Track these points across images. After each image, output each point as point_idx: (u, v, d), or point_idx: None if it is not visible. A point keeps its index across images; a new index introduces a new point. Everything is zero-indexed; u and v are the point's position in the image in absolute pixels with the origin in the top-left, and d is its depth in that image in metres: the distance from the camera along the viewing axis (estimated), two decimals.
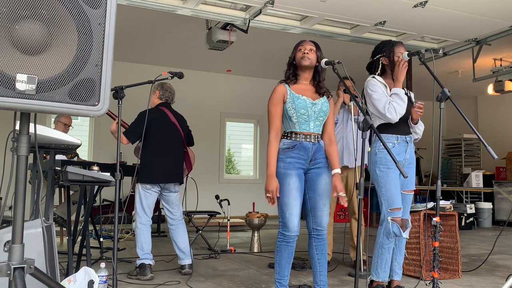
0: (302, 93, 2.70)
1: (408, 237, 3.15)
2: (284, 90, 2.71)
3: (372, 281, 3.09)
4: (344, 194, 2.64)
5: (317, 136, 2.72)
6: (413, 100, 3.25)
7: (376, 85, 3.04)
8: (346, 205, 2.66)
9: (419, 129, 3.16)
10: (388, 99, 2.97)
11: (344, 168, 4.10)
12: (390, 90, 3.06)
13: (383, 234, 3.01)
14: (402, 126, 3.08)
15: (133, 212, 3.88)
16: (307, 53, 2.70)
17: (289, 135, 2.70)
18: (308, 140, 2.68)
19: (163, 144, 3.79)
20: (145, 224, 3.73)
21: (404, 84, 3.28)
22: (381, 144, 3.00)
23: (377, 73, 3.15)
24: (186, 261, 3.78)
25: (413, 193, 3.15)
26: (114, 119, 3.73)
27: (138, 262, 3.63)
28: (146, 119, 3.62)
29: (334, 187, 2.66)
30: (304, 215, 2.73)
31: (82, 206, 3.56)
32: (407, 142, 3.09)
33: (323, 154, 2.74)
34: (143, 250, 3.66)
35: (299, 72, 2.76)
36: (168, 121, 3.86)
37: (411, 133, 3.14)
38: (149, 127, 3.70)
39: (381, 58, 3.13)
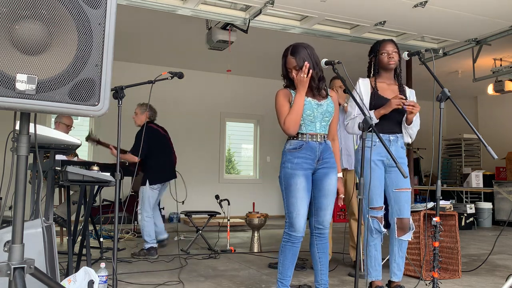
0: (306, 95, 2.69)
1: (411, 239, 3.13)
2: (287, 92, 2.72)
3: (371, 283, 3.09)
4: (343, 196, 2.76)
5: (324, 136, 2.73)
6: (413, 98, 3.22)
7: (355, 93, 3.07)
8: (341, 205, 2.72)
9: (412, 130, 3.10)
10: (357, 114, 3.03)
11: (343, 170, 4.08)
12: (373, 92, 3.07)
13: (367, 232, 3.02)
14: (387, 125, 3.05)
15: (138, 209, 4.74)
16: (296, 74, 2.65)
17: (295, 136, 2.70)
18: (314, 140, 2.69)
19: (162, 153, 4.81)
20: (150, 217, 4.66)
21: (404, 83, 3.28)
22: (368, 142, 3.01)
23: (370, 74, 3.17)
24: (164, 236, 4.91)
25: (410, 191, 3.13)
26: (108, 147, 4.74)
27: (147, 246, 4.54)
28: (142, 137, 4.52)
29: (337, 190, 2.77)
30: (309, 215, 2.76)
31: (82, 206, 3.56)
32: (390, 141, 3.06)
33: (330, 153, 2.75)
34: (151, 237, 4.59)
35: None
36: (161, 135, 4.86)
37: (398, 132, 3.09)
38: (150, 143, 4.68)
39: (372, 59, 3.16)
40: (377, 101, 3.05)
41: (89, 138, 4.86)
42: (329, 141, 2.78)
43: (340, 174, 2.79)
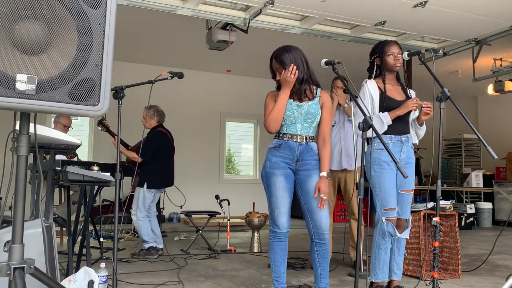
0: (289, 97, 2.74)
1: (408, 237, 3.14)
2: (275, 93, 2.80)
3: (372, 283, 3.09)
4: (326, 197, 2.65)
5: (305, 138, 2.73)
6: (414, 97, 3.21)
7: (365, 95, 3.06)
8: (322, 207, 2.65)
9: (423, 131, 3.12)
10: (368, 115, 3.01)
11: (343, 170, 4.08)
12: (382, 94, 3.06)
13: (378, 235, 3.01)
14: (397, 126, 3.05)
15: (132, 210, 4.65)
16: (279, 76, 2.73)
17: (277, 135, 2.76)
18: (294, 140, 2.71)
19: (165, 159, 4.78)
20: (145, 217, 4.63)
21: (404, 83, 3.27)
22: (376, 144, 3.01)
23: (373, 75, 3.16)
24: (161, 245, 4.73)
25: (412, 192, 3.13)
26: (113, 136, 4.62)
27: (147, 245, 4.53)
28: (148, 141, 4.58)
29: (317, 188, 2.66)
30: (295, 215, 2.75)
31: (82, 206, 3.56)
32: (402, 142, 3.06)
33: (312, 155, 2.73)
34: (149, 236, 4.58)
35: None
36: (168, 140, 4.85)
37: (408, 133, 3.11)
38: (158, 147, 4.69)
39: (375, 59, 3.14)
40: (387, 102, 3.04)
41: (100, 123, 4.75)
42: (313, 143, 2.76)
43: (325, 174, 2.69)
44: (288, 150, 2.70)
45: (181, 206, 5.52)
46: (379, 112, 3.04)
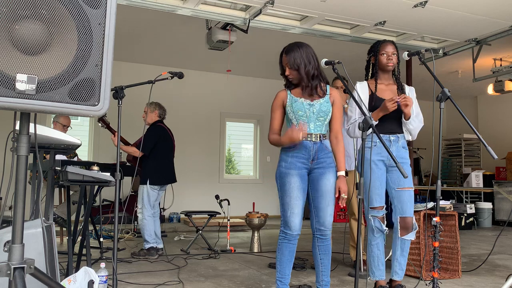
0: (300, 96, 2.73)
1: (413, 238, 3.12)
2: (284, 95, 2.77)
3: (376, 282, 3.09)
4: (346, 196, 2.68)
5: (319, 136, 2.72)
6: (413, 95, 3.20)
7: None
8: (343, 206, 2.69)
9: (412, 125, 3.04)
10: (357, 118, 3.04)
11: None
12: (372, 94, 3.06)
13: (369, 232, 3.03)
14: (386, 125, 3.05)
15: (138, 208, 4.67)
16: (290, 76, 2.74)
17: None
18: (309, 139, 2.70)
19: (166, 155, 4.77)
20: (150, 216, 4.60)
21: (404, 83, 3.27)
22: (368, 142, 3.02)
23: (369, 74, 3.17)
24: (161, 245, 4.68)
25: (412, 190, 3.11)
26: (113, 133, 4.52)
27: (147, 245, 4.51)
28: (150, 135, 4.60)
29: (337, 188, 2.68)
30: (306, 215, 2.75)
31: (82, 206, 3.56)
32: (391, 142, 3.06)
33: (327, 153, 2.73)
34: (151, 236, 4.56)
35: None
36: (168, 136, 4.82)
37: (399, 132, 3.08)
38: (158, 142, 4.67)
39: (371, 58, 3.15)
40: (376, 102, 3.05)
41: (101, 120, 4.65)
42: (326, 140, 2.76)
43: (343, 173, 2.72)
44: (304, 149, 2.69)
45: (163, 208, 5.52)
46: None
